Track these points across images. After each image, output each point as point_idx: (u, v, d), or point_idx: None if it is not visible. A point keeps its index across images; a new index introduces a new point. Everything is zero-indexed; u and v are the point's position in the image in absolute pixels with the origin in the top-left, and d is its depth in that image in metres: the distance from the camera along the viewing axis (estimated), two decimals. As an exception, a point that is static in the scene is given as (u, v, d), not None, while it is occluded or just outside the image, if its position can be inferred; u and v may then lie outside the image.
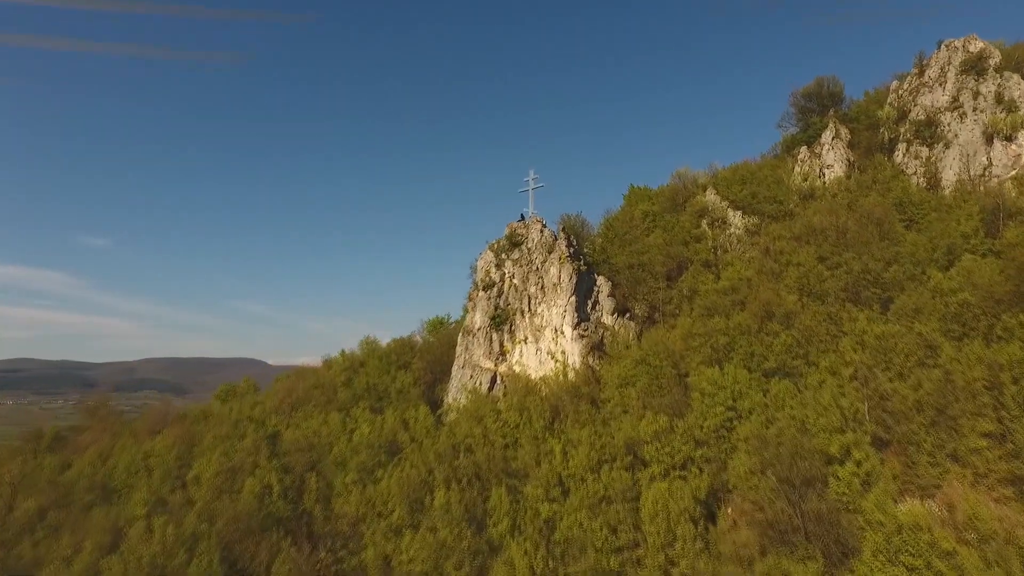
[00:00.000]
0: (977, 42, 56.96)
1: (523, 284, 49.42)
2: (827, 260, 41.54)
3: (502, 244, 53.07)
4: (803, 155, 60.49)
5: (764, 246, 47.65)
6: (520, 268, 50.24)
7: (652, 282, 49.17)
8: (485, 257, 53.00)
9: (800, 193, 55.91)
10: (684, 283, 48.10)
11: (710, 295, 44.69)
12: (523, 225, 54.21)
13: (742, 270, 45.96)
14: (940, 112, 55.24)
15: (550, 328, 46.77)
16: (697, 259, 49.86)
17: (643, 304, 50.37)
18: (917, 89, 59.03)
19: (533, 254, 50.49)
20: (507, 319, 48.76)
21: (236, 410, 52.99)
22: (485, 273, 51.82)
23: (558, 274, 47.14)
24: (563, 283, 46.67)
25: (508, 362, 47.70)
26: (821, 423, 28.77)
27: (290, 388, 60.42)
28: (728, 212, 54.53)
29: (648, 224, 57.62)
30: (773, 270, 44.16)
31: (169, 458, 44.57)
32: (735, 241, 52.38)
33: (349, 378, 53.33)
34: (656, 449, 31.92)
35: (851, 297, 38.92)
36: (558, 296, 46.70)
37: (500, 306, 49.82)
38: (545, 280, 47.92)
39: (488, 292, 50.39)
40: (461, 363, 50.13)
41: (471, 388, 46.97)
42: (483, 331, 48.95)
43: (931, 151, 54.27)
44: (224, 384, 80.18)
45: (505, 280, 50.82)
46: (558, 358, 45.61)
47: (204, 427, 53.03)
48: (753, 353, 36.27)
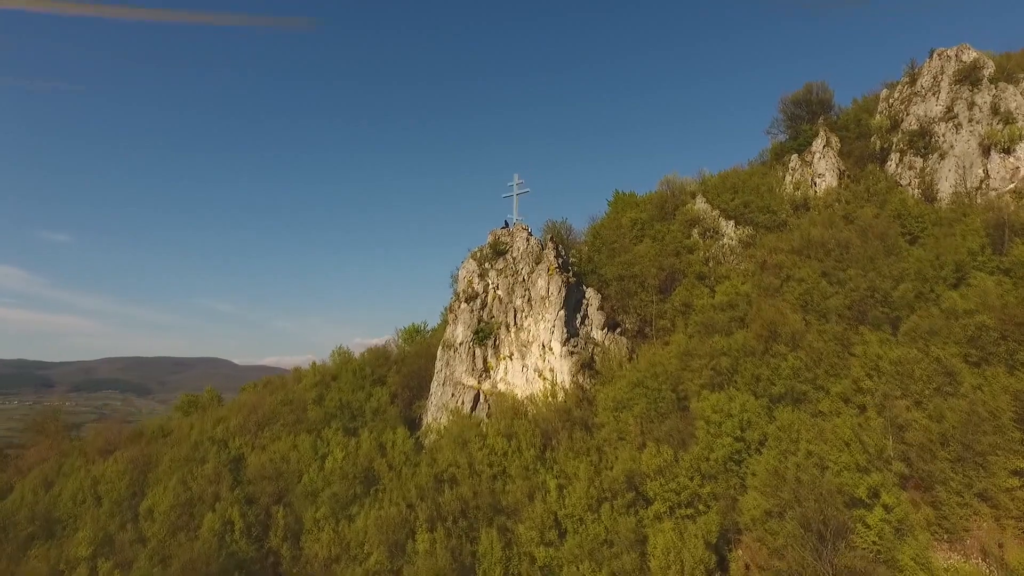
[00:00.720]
0: (970, 52, 55.58)
1: (508, 296, 46.34)
2: (830, 276, 39.30)
3: (485, 253, 49.91)
4: (794, 163, 58.45)
5: (761, 259, 45.31)
6: (505, 279, 47.14)
7: (643, 295, 46.49)
8: (467, 267, 49.79)
9: (792, 203, 53.88)
10: (677, 297, 45.52)
11: (706, 311, 42.17)
12: (507, 232, 51.15)
13: (738, 284, 43.57)
14: (934, 122, 53.66)
15: (537, 344, 43.76)
16: (690, 271, 47.30)
17: (633, 317, 47.67)
18: (909, 98, 57.47)
19: (519, 264, 47.43)
20: (491, 333, 45.63)
21: (197, 428, 48.87)
22: (467, 284, 48.60)
23: (546, 286, 44.14)
24: (552, 296, 43.70)
25: (492, 379, 44.57)
26: (843, 460, 26.25)
27: (256, 403, 56.41)
28: (720, 222, 52.15)
29: (636, 233, 54.94)
30: (772, 285, 41.80)
31: (120, 486, 40.47)
32: (728, 252, 50.00)
33: (320, 394, 49.63)
34: (660, 485, 29.12)
35: (857, 316, 36.68)
36: (546, 310, 43.71)
37: (484, 319, 46.67)
38: (532, 292, 44.89)
39: (471, 304, 47.19)
40: (441, 379, 46.86)
41: (453, 408, 43.73)
42: (465, 346, 45.73)
43: (925, 162, 52.64)
44: (185, 394, 75.52)
45: (489, 292, 47.69)
46: (546, 376, 42.63)
47: (161, 447, 48.85)
48: (759, 377, 33.73)
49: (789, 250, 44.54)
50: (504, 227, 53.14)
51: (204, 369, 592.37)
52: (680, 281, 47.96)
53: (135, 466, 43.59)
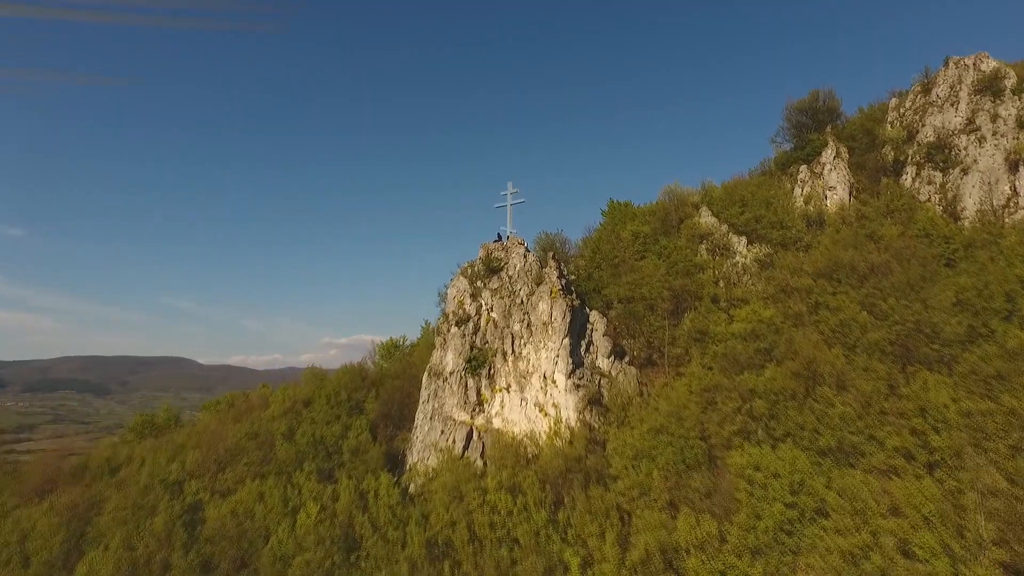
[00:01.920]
0: (989, 61, 52.24)
1: (505, 320, 41.20)
2: (869, 306, 35.09)
3: (478, 270, 44.68)
4: (803, 175, 54.53)
5: (782, 282, 41.01)
6: (501, 300, 41.99)
7: (653, 319, 41.82)
8: (457, 285, 44.48)
9: (805, 218, 49.86)
10: (691, 322, 40.93)
11: (727, 340, 37.70)
12: (501, 247, 46.00)
13: (759, 309, 39.17)
14: (954, 135, 50.15)
15: (538, 375, 38.72)
16: (704, 293, 42.74)
17: (640, 343, 42.98)
18: (924, 108, 53.95)
19: (516, 284, 42.31)
20: (485, 362, 40.43)
21: (149, 466, 42.62)
22: (458, 304, 43.30)
23: (548, 311, 39.12)
24: (555, 322, 38.69)
25: (486, 414, 39.40)
26: (929, 542, 21.80)
27: (218, 432, 50.24)
28: (731, 238, 47.76)
29: (639, 247, 50.37)
30: (799, 313, 37.51)
31: (54, 543, 34.20)
32: (741, 271, 45.66)
33: (291, 427, 43.83)
34: (702, 562, 24.37)
35: (903, 354, 32.53)
36: (548, 337, 38.69)
37: (477, 345, 41.45)
38: (532, 317, 39.82)
39: (462, 328, 41.91)
40: (428, 412, 41.51)
41: (443, 447, 38.44)
42: (456, 376, 40.46)
43: (945, 176, 49.11)
44: (140, 415, 68.42)
45: (482, 314, 42.47)
46: (548, 411, 37.65)
47: (107, 488, 42.52)
48: (803, 426, 29.26)
49: (814, 272, 40.35)
50: (497, 240, 48.01)
51: (167, 369, 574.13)
52: (690, 303, 43.49)
53: (74, 515, 37.30)
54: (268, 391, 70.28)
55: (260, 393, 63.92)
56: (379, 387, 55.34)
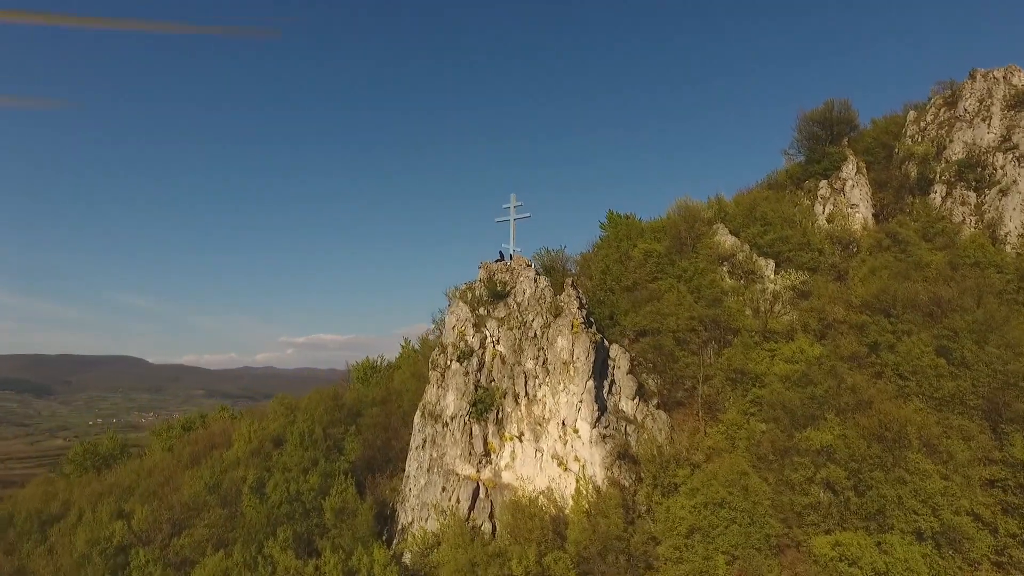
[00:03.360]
0: (1020, 74, 48.81)
1: (514, 355, 35.37)
2: (944, 349, 30.46)
3: (479, 295, 38.70)
4: (823, 191, 50.24)
5: (827, 314, 36.27)
6: (509, 332, 36.12)
7: (685, 356, 36.61)
8: (457, 312, 38.41)
9: (831, 238, 45.47)
10: (728, 359, 35.79)
11: (771, 382, 32.72)
12: (504, 268, 40.13)
13: (806, 347, 34.33)
14: (988, 152, 46.42)
15: (555, 422, 33.04)
16: (739, 325, 37.69)
17: (663, 380, 37.73)
18: (951, 123, 50.22)
19: (526, 313, 36.50)
20: (493, 404, 34.54)
21: (87, 528, 35.38)
22: (459, 336, 37.26)
23: (570, 348, 33.45)
24: (577, 361, 33.04)
25: (495, 466, 33.52)
26: None
27: (171, 479, 43.14)
28: (758, 261, 42.92)
29: (652, 268, 45.17)
30: (855, 354, 32.76)
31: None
32: (771, 299, 40.84)
33: (260, 479, 37.00)
34: None
35: (991, 409, 27.97)
36: (570, 379, 33.03)
37: (482, 384, 35.51)
38: (549, 354, 34.08)
39: (465, 364, 35.92)
40: (424, 462, 35.42)
41: (444, 507, 32.43)
42: (459, 421, 34.46)
43: (980, 197, 45.36)
44: (80, 444, 60.08)
45: (487, 347, 36.55)
46: (569, 466, 31.98)
47: (34, 555, 35.23)
48: (900, 499, 24.28)
49: (861, 304, 35.75)
50: (499, 260, 42.10)
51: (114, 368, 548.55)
52: (719, 335, 38.44)
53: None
54: (229, 419, 62.97)
55: (221, 425, 56.56)
56: (358, 418, 48.96)
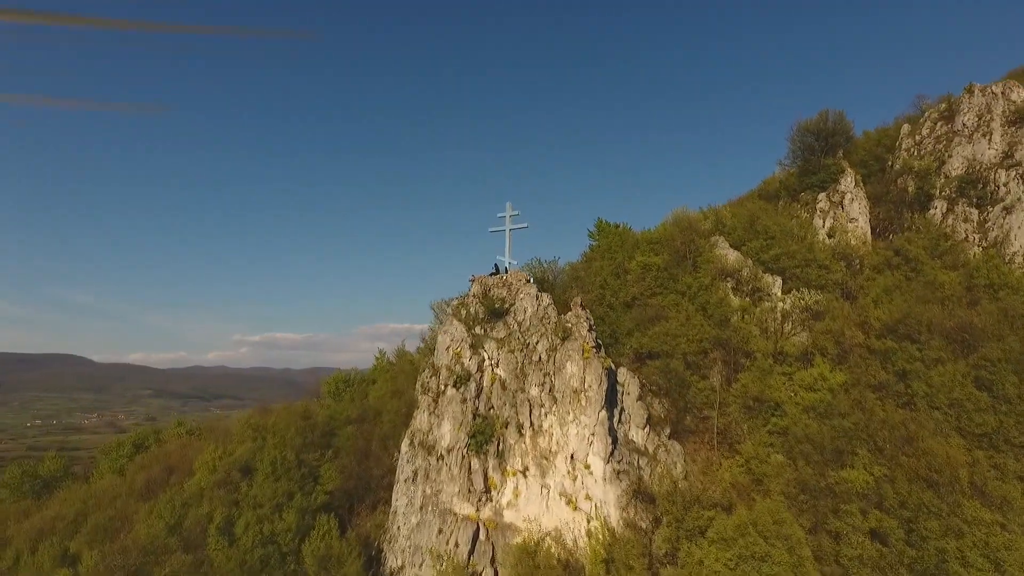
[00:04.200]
0: (1019, 90, 48.03)
1: (517, 381, 32.16)
2: (984, 382, 28.55)
3: (475, 312, 35.36)
4: (822, 204, 48.58)
5: (846, 339, 34.17)
6: (510, 355, 32.88)
7: (699, 382, 34.04)
8: (451, 331, 34.95)
9: (835, 254, 43.67)
10: (744, 385, 33.34)
11: (796, 415, 30.36)
12: (501, 282, 36.90)
13: (826, 373, 32.13)
14: (990, 169, 45.42)
15: (563, 456, 29.99)
16: (752, 347, 35.31)
17: (667, 405, 35.08)
18: (949, 137, 49.19)
19: (529, 334, 33.33)
20: (493, 435, 31.28)
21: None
22: (454, 358, 33.83)
23: (580, 375, 30.43)
24: (590, 390, 30.05)
25: (496, 504, 30.25)
26: None
27: (123, 512, 38.46)
28: (764, 278, 40.74)
29: (651, 283, 42.60)
30: (884, 383, 30.68)
31: None
32: (780, 319, 38.66)
33: (229, 517, 32.82)
34: None
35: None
36: (581, 409, 30.01)
37: (480, 413, 32.19)
38: (557, 381, 31.00)
39: (461, 390, 32.54)
40: (415, 498, 31.93)
41: (442, 552, 29.04)
42: (456, 455, 31.08)
43: (983, 214, 44.26)
44: (17, 466, 53.95)
45: (485, 372, 33.24)
46: (579, 505, 28.97)
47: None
48: (962, 554, 22.04)
49: (882, 328, 33.78)
50: (494, 273, 38.86)
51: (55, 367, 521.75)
52: (730, 358, 36.04)
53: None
54: (186, 435, 57.93)
55: (177, 444, 51.65)
56: (332, 438, 45.20)
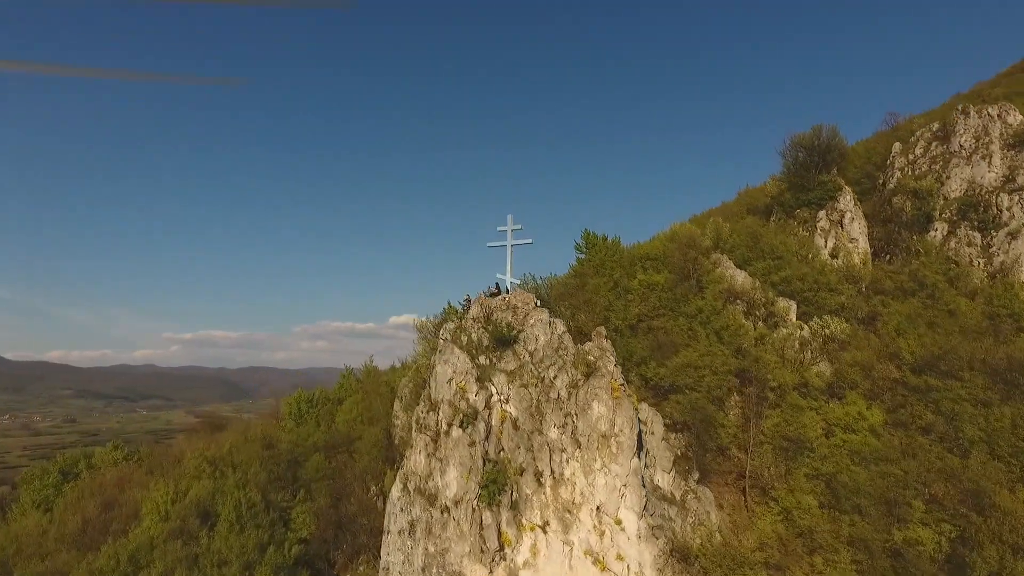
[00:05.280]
0: (1016, 114, 47.38)
1: (532, 421, 28.25)
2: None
3: (478, 340, 31.23)
4: (823, 223, 46.70)
5: (875, 372, 31.85)
6: (523, 390, 28.94)
7: (722, 419, 30.98)
8: (453, 361, 30.63)
9: (847, 277, 41.69)
10: (775, 425, 30.50)
11: (841, 462, 27.66)
12: (505, 304, 32.93)
13: (863, 410, 29.67)
14: (991, 192, 44.46)
15: (589, 508, 26.31)
16: (783, 383, 32.50)
17: (683, 441, 31.89)
18: (945, 158, 48.13)
19: (543, 366, 29.44)
20: (506, 484, 27.30)
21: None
22: (459, 393, 29.58)
23: (609, 417, 26.79)
24: (621, 435, 26.44)
25: (511, 564, 26.27)
26: None
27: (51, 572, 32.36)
28: (778, 303, 38.19)
29: (656, 303, 39.57)
30: (930, 425, 28.35)
31: None
32: (796, 346, 36.15)
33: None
34: None
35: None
36: (611, 457, 26.38)
37: (491, 457, 28.15)
38: (580, 423, 27.26)
39: (469, 431, 28.38)
40: (415, 557, 27.56)
41: (452, 625, 24.87)
42: (467, 507, 26.92)
43: (987, 238, 43.19)
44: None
45: (494, 409, 29.17)
46: (609, 566, 25.38)
47: None
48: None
49: (915, 363, 31.59)
50: (495, 293, 34.89)
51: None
52: (736, 386, 33.21)
53: None
54: (123, 461, 51.21)
55: (115, 475, 45.09)
56: (299, 470, 40.49)
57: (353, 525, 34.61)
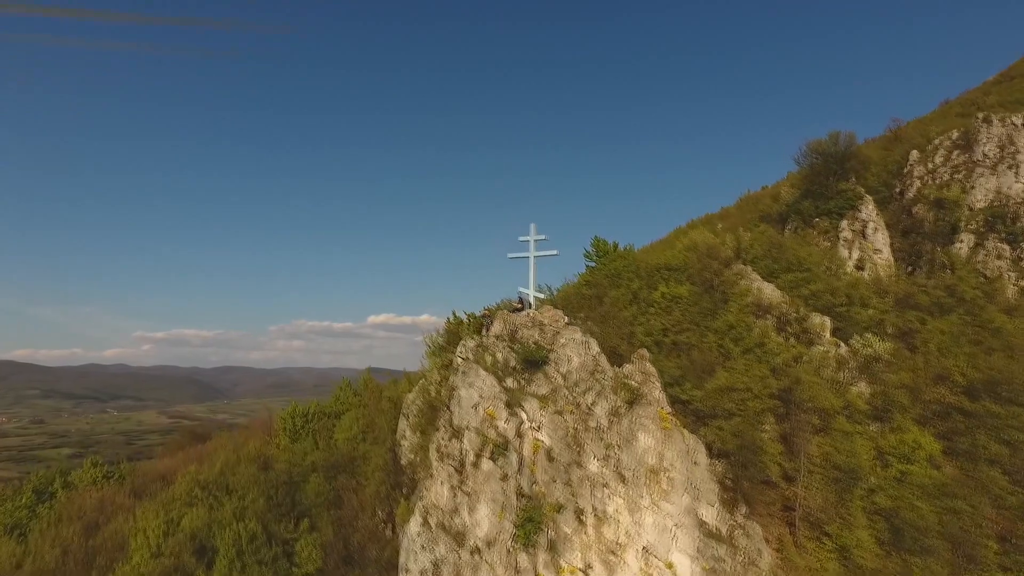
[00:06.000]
0: (1040, 122, 46.23)
1: (570, 452, 25.79)
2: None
3: (504, 360, 28.67)
4: (846, 233, 45.01)
5: (924, 395, 29.99)
6: (558, 417, 26.46)
7: (768, 446, 28.82)
8: (478, 384, 28.00)
9: (879, 291, 39.93)
10: (825, 453, 28.39)
11: (901, 495, 25.65)
12: (530, 320, 30.44)
13: (920, 437, 27.74)
14: (1019, 203, 43.10)
15: (635, 549, 23.93)
16: (829, 407, 30.44)
17: (721, 468, 29.69)
18: (968, 167, 46.74)
19: (579, 390, 27.00)
20: (541, 523, 24.80)
21: None
22: (487, 421, 26.98)
23: (658, 450, 24.43)
24: (672, 470, 24.10)
25: (549, 612, 23.82)
26: None
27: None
28: (813, 318, 36.22)
29: (679, 318, 37.37)
30: (996, 456, 26.50)
31: None
32: (834, 365, 34.19)
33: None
34: None
35: None
36: (662, 494, 24.02)
37: (524, 492, 25.62)
38: (624, 455, 24.86)
39: (499, 463, 25.82)
40: (441, 602, 24.93)
41: None
42: (501, 548, 24.35)
43: (1016, 250, 41.81)
44: None
45: (526, 437, 26.65)
46: (658, 615, 23.03)
47: None
48: None
49: (969, 386, 29.79)
50: (518, 308, 32.40)
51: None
52: (793, 414, 31.14)
53: None
54: (103, 479, 47.62)
55: (97, 497, 41.63)
56: (298, 494, 37.60)
57: (362, 558, 31.85)
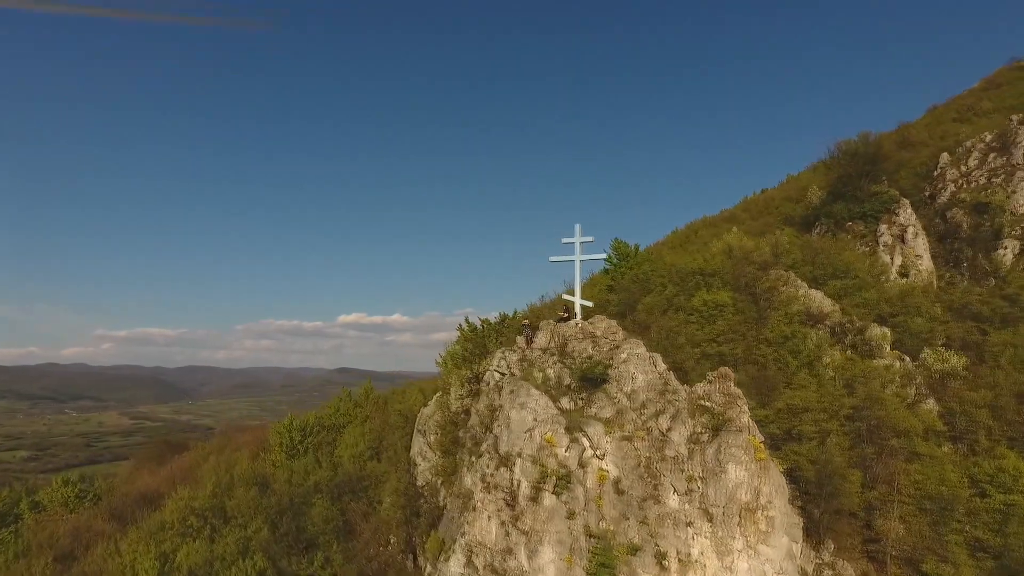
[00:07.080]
0: (1080, 126, 44.60)
1: (643, 484, 22.40)
2: None
3: (559, 378, 25.17)
4: (885, 237, 42.65)
5: (1008, 415, 27.43)
6: (626, 444, 23.06)
7: (850, 474, 25.87)
8: (531, 405, 24.39)
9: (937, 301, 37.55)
10: (915, 483, 25.54)
11: (1009, 530, 22.94)
12: (580, 332, 27.04)
13: (1019, 464, 25.11)
14: (1067, 210, 41.33)
15: (724, 599, 20.70)
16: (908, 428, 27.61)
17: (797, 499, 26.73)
18: (1008, 171, 44.82)
19: (648, 413, 23.64)
20: (614, 567, 21.39)
21: None
22: (545, 448, 23.43)
23: (753, 485, 21.21)
24: (770, 507, 20.90)
25: (626, 674, 20.40)
26: None
27: None
28: (873, 329, 33.49)
29: (723, 327, 34.41)
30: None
31: None
32: (898, 380, 31.49)
33: None
34: None
35: None
36: (760, 536, 20.80)
37: (593, 531, 22.16)
38: (709, 489, 21.59)
39: (563, 497, 22.32)
40: (497, 661, 21.33)
41: None
42: (570, 601, 20.89)
43: (1061, 259, 39.92)
44: None
45: (589, 467, 23.20)
46: (754, 676, 19.80)
47: None
48: None
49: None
50: (565, 317, 28.98)
51: None
52: (845, 428, 28.23)
53: None
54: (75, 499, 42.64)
55: (72, 524, 36.79)
56: (301, 518, 33.68)
57: None
